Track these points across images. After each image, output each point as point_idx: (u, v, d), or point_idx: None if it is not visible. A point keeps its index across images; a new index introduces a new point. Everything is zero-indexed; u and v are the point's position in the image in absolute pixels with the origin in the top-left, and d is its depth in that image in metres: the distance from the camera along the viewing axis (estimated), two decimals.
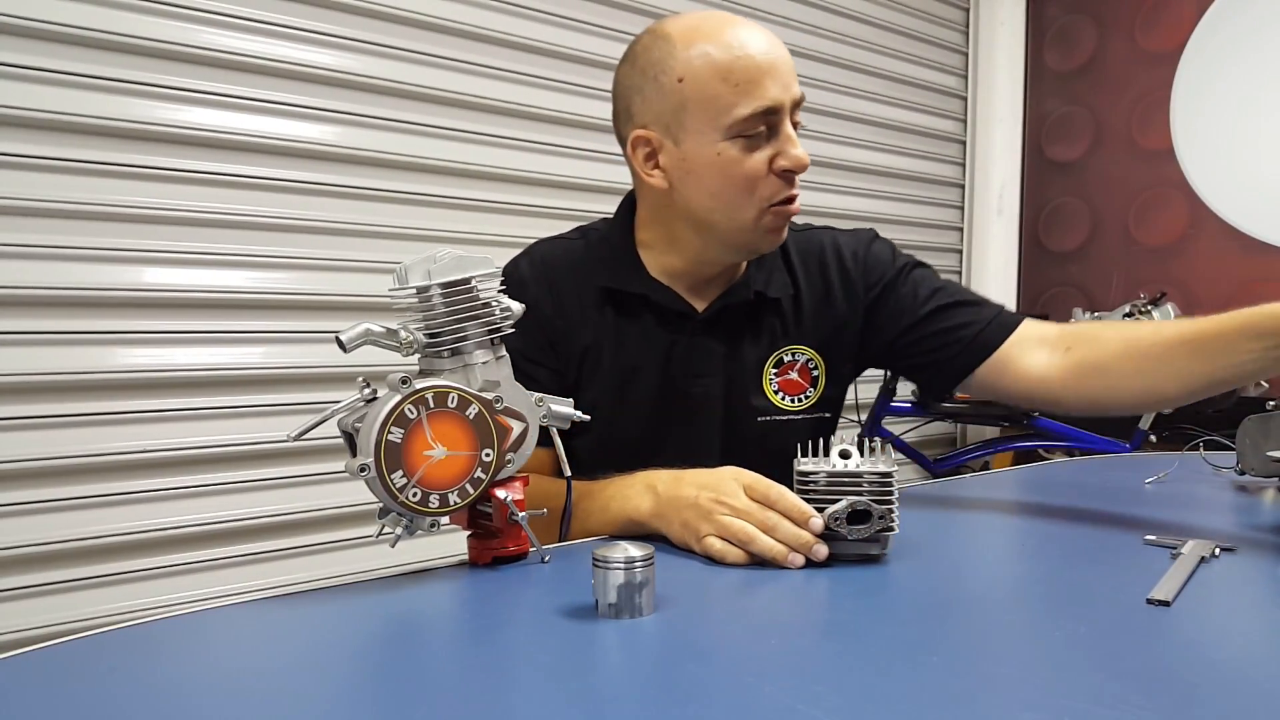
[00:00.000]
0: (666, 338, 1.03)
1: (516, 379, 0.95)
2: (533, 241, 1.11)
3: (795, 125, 0.94)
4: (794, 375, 1.06)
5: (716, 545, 0.74)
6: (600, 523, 0.86)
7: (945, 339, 1.03)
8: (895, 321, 1.06)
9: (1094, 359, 0.96)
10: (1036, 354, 1.00)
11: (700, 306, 1.03)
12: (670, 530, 0.79)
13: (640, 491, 0.83)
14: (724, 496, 0.76)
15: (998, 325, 1.04)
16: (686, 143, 0.93)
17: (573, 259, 1.06)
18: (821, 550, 0.71)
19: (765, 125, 0.91)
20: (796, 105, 0.94)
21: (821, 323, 1.06)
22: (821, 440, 0.79)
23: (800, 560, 0.72)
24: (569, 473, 0.82)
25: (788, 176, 0.93)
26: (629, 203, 1.07)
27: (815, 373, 1.07)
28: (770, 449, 1.02)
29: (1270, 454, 0.99)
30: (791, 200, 0.95)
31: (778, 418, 1.05)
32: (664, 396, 1.03)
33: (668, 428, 1.04)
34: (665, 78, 0.93)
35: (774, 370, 1.05)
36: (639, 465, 0.88)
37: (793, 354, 1.06)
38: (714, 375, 1.03)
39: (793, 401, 1.06)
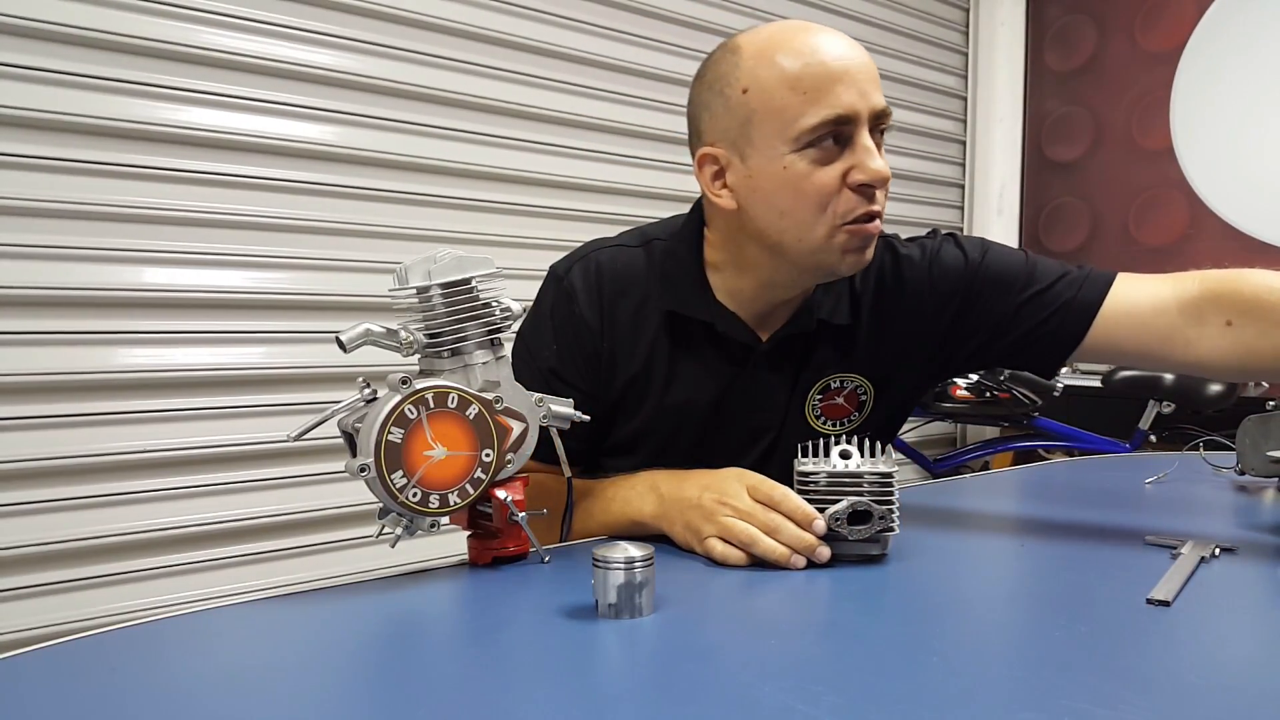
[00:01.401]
0: (727, 371, 0.96)
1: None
2: (584, 242, 1.02)
3: (878, 140, 0.87)
4: (840, 400, 1.00)
5: (718, 547, 0.74)
6: (602, 523, 0.86)
7: (1043, 325, 0.94)
8: (987, 327, 0.97)
9: (1267, 345, 0.86)
10: (1196, 327, 0.90)
11: (764, 335, 0.96)
12: (673, 531, 0.79)
13: (642, 492, 0.83)
14: (727, 497, 0.75)
15: (1090, 290, 0.94)
16: (754, 158, 0.86)
17: (634, 273, 0.97)
18: (824, 552, 0.71)
19: (837, 136, 0.84)
20: (879, 117, 0.86)
21: (879, 348, 0.99)
22: (822, 440, 0.78)
23: (802, 562, 0.71)
24: (569, 472, 0.82)
25: (865, 191, 0.84)
26: (697, 218, 0.98)
27: (863, 398, 1.00)
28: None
29: (1270, 454, 0.99)
30: (872, 218, 0.86)
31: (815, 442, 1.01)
32: (719, 430, 0.98)
33: (716, 456, 0.95)
34: (731, 90, 0.86)
35: (819, 396, 0.99)
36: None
37: (841, 380, 0.99)
38: (773, 410, 0.98)
39: (834, 425, 1.00)
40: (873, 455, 0.76)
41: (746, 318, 0.95)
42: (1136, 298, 0.93)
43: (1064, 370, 2.96)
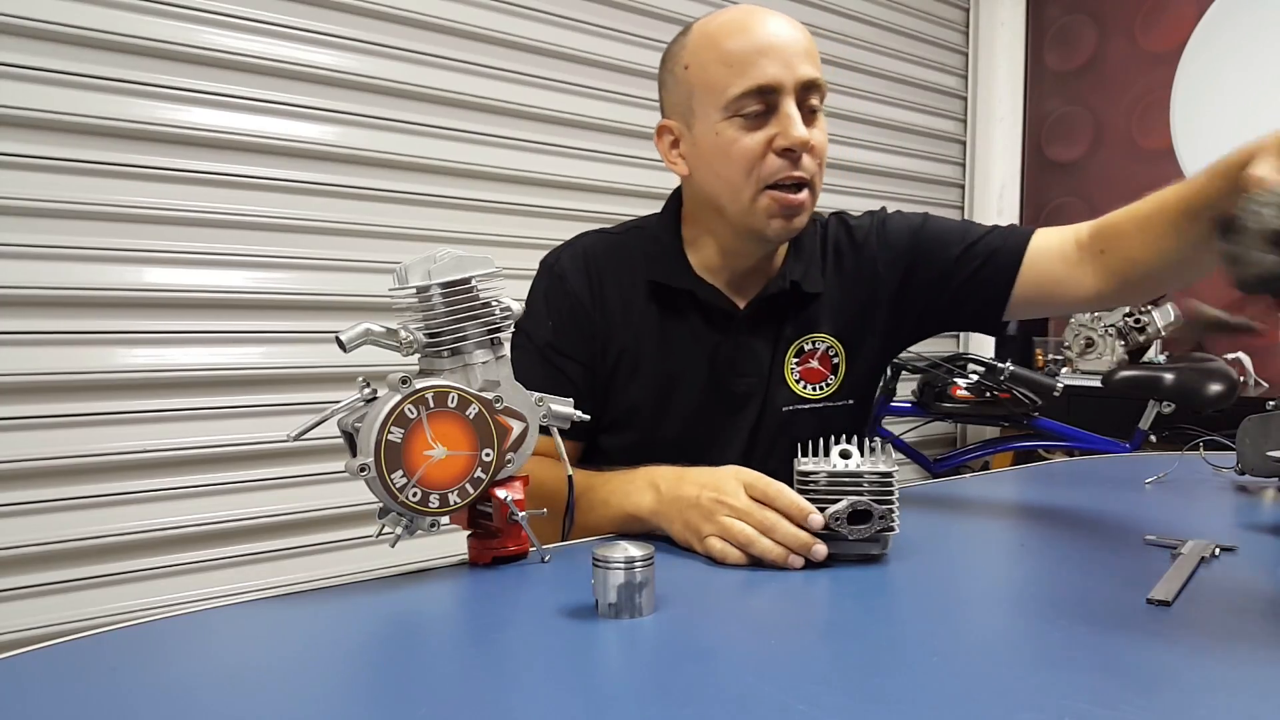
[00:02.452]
0: (712, 338, 1.03)
1: (545, 372, 0.95)
2: (571, 237, 1.10)
3: (811, 110, 0.93)
4: (814, 364, 1.06)
5: (717, 546, 0.74)
6: (601, 517, 0.86)
7: (978, 274, 1.02)
8: (932, 281, 1.05)
9: (1124, 256, 0.94)
10: (1075, 267, 0.98)
11: (741, 304, 1.04)
12: (672, 529, 0.79)
13: (642, 488, 0.83)
14: (724, 496, 0.75)
15: (1014, 239, 1.01)
16: (696, 127, 0.96)
17: (620, 254, 1.05)
18: (820, 550, 0.71)
19: (765, 105, 0.91)
20: (808, 89, 0.92)
21: (841, 310, 1.06)
22: (822, 440, 0.79)
23: (799, 562, 0.71)
24: (570, 470, 0.82)
25: (789, 156, 0.92)
26: (677, 200, 1.07)
27: (835, 360, 1.07)
28: (798, 438, 1.02)
29: (1270, 454, 0.99)
30: (798, 187, 0.93)
31: (801, 407, 1.06)
32: (708, 396, 1.04)
33: (708, 424, 1.04)
34: (678, 68, 0.97)
35: (795, 360, 1.05)
36: (672, 460, 0.88)
37: (813, 342, 1.06)
38: (758, 374, 1.04)
39: (814, 389, 1.06)
40: (873, 455, 0.76)
41: (723, 287, 1.03)
42: (1049, 244, 1.00)
43: (1064, 370, 2.96)
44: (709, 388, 1.03)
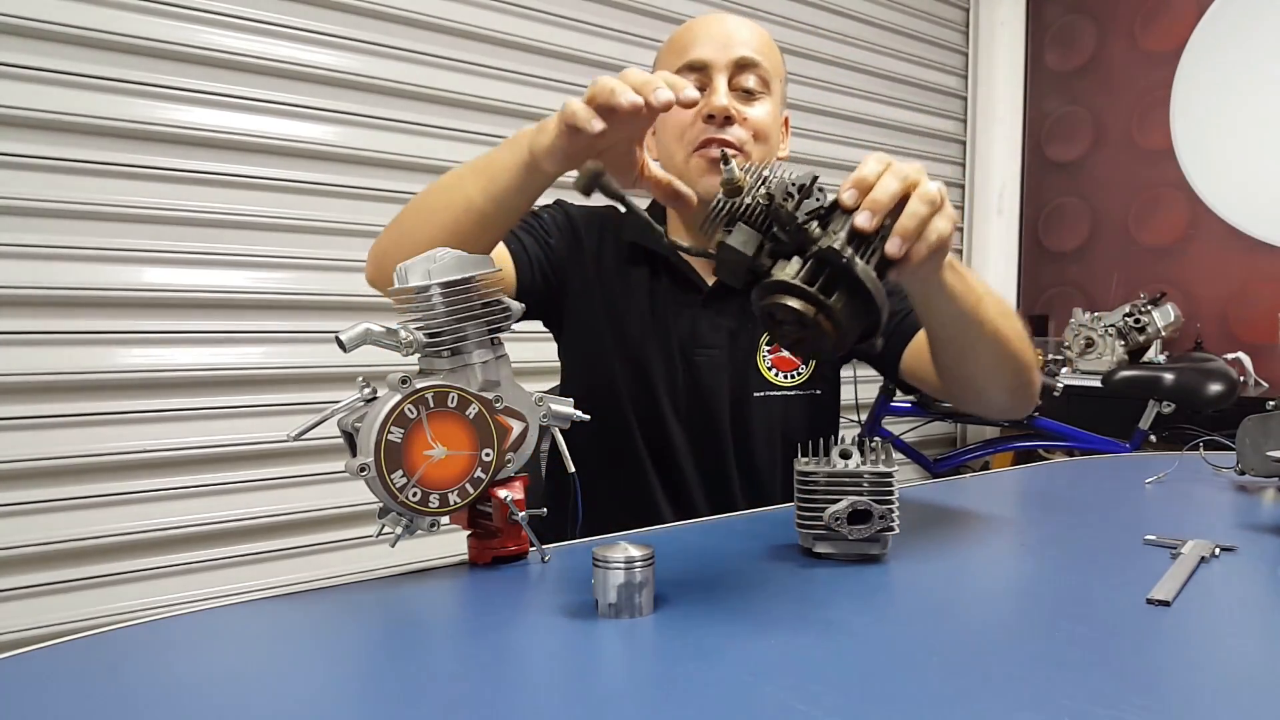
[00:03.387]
0: (678, 305, 1.09)
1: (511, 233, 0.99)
2: None
3: (746, 90, 1.02)
4: (785, 352, 1.11)
5: (573, 104, 0.74)
6: (490, 160, 0.84)
7: (897, 314, 1.05)
8: None
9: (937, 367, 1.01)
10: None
11: (710, 280, 1.10)
12: (546, 127, 0.78)
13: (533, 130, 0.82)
14: (569, 102, 0.75)
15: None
16: None
17: (602, 215, 1.15)
18: (691, 94, 0.71)
19: (698, 82, 1.01)
20: (742, 68, 1.02)
21: None
22: (822, 440, 0.79)
23: (667, 96, 0.70)
24: (573, 469, 0.82)
25: (710, 121, 1.01)
26: None
27: None
28: (772, 426, 1.09)
29: (1270, 454, 0.99)
30: (717, 146, 1.01)
31: (773, 394, 1.10)
32: (669, 362, 1.08)
33: (675, 395, 1.09)
34: (654, 66, 1.10)
35: (767, 348, 1.10)
36: (653, 437, 0.90)
37: None
38: (720, 348, 1.09)
39: (786, 378, 1.11)
40: (873, 455, 0.76)
41: (695, 263, 1.10)
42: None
43: (1064, 370, 2.96)
44: (670, 353, 1.09)
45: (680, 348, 1.09)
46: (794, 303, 0.61)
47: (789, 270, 0.62)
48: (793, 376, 1.11)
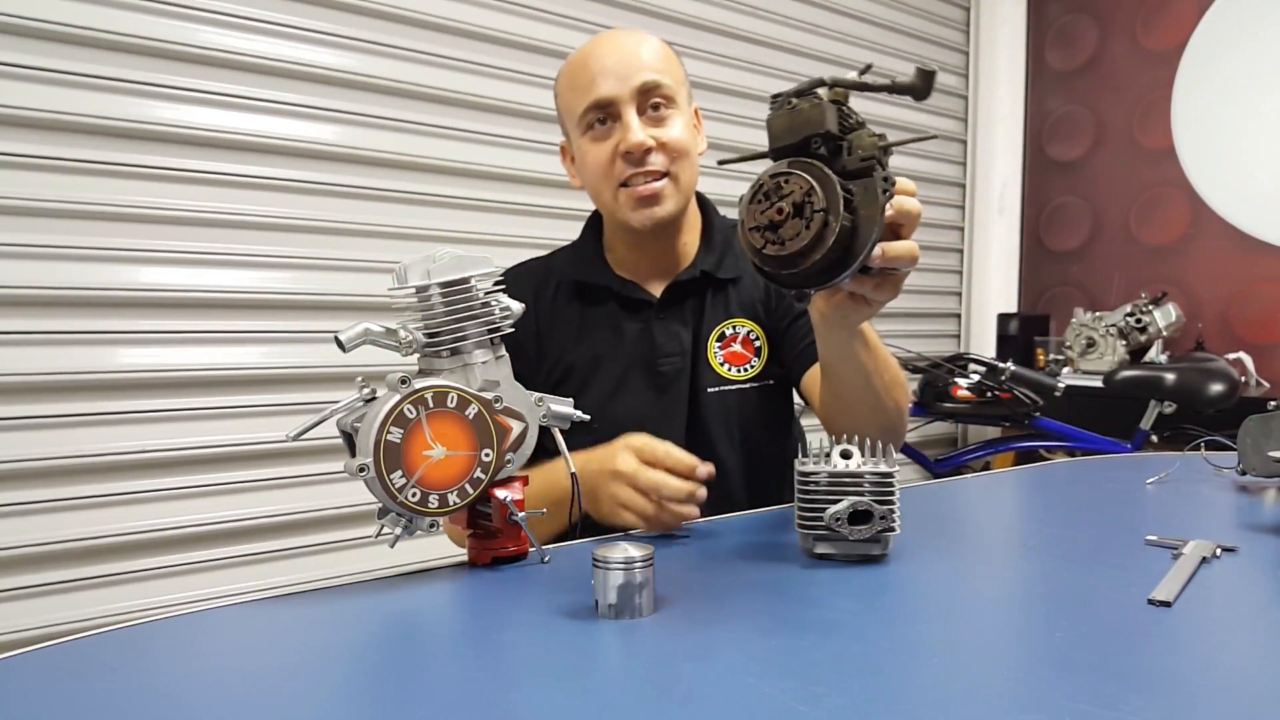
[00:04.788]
0: (633, 325, 1.11)
1: None
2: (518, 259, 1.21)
3: (655, 107, 1.03)
4: (737, 347, 1.12)
5: (629, 518, 0.83)
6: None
7: (800, 343, 1.11)
8: (783, 315, 1.14)
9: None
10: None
11: (657, 293, 1.12)
12: (600, 511, 0.86)
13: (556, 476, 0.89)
14: (617, 466, 0.83)
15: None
16: (573, 146, 1.10)
17: (545, 268, 1.17)
18: (701, 493, 0.81)
19: (607, 116, 1.03)
20: (646, 93, 1.03)
21: (757, 298, 1.14)
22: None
23: (694, 511, 0.81)
24: (573, 469, 0.82)
25: (630, 158, 1.03)
26: (596, 212, 1.17)
27: (757, 343, 1.13)
28: (728, 420, 1.11)
29: (1271, 454, 0.99)
30: (642, 179, 1.03)
31: (727, 388, 1.11)
32: (637, 378, 1.10)
33: (644, 405, 1.10)
34: (555, 98, 1.12)
35: (718, 344, 1.12)
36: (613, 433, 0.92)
37: (734, 327, 1.12)
38: (679, 355, 1.10)
39: (738, 371, 1.12)
40: (874, 455, 0.76)
41: (640, 281, 1.12)
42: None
43: (1065, 370, 2.96)
44: (636, 370, 1.10)
45: (643, 362, 1.10)
46: (819, 190, 0.62)
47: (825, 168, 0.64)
48: (745, 370, 1.12)
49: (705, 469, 0.79)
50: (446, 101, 2.16)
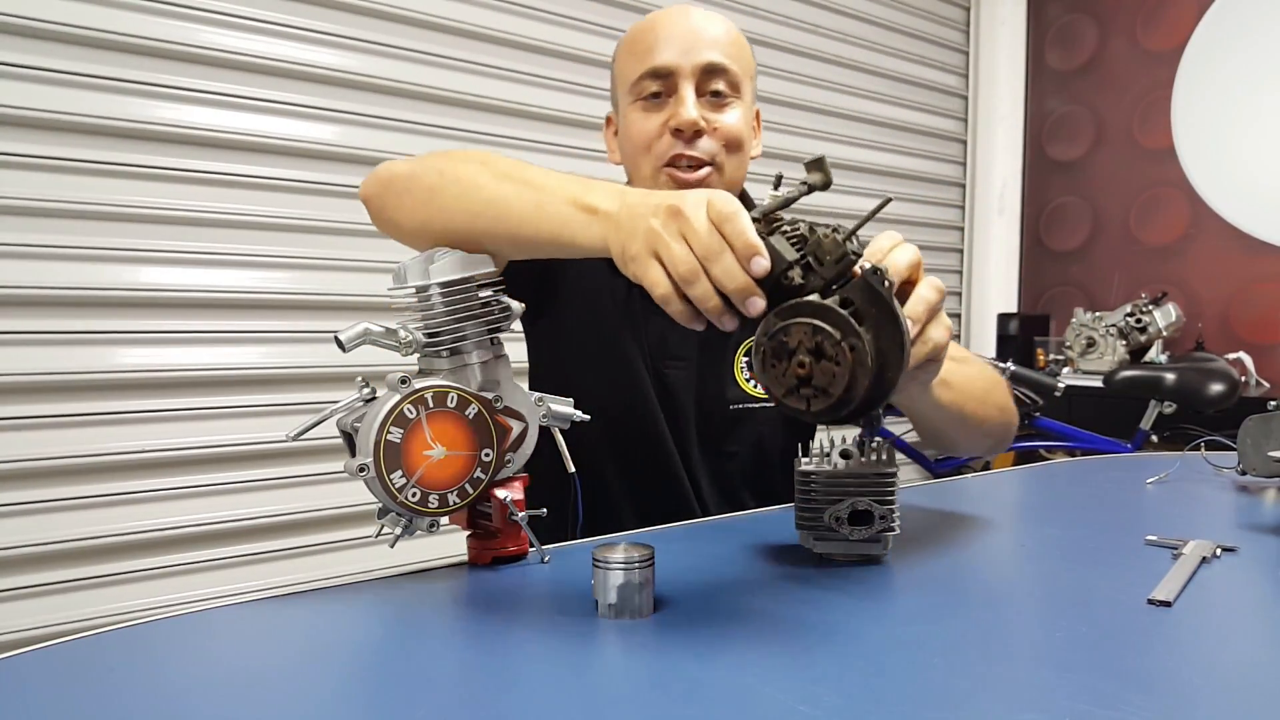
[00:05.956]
0: (646, 311, 1.01)
1: None
2: None
3: (715, 94, 0.96)
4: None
5: (653, 275, 0.60)
6: (548, 193, 0.70)
7: None
8: None
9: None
10: None
11: None
12: (618, 237, 0.64)
13: (608, 188, 0.69)
14: (685, 206, 0.60)
15: None
16: (619, 116, 1.03)
17: None
18: (757, 304, 0.58)
19: (663, 88, 0.96)
20: (710, 73, 0.96)
21: None
22: (803, 441, 0.79)
23: (732, 323, 0.60)
24: (573, 468, 0.82)
25: (678, 135, 0.95)
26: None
27: None
28: (745, 438, 1.04)
29: (1272, 454, 0.99)
30: (692, 165, 0.96)
31: (750, 405, 1.04)
32: (639, 368, 1.02)
33: (645, 404, 1.02)
34: (612, 63, 1.04)
35: (745, 359, 1.05)
36: (618, 442, 0.90)
37: None
38: (688, 360, 1.03)
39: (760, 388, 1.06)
40: (874, 455, 0.76)
41: None
42: None
43: (1065, 370, 2.96)
44: (641, 359, 1.02)
45: (650, 356, 1.03)
46: (825, 325, 0.55)
47: (813, 297, 0.57)
48: None
49: (763, 264, 0.58)
50: (446, 101, 2.16)
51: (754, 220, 0.59)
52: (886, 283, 0.56)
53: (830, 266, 0.58)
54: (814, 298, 0.57)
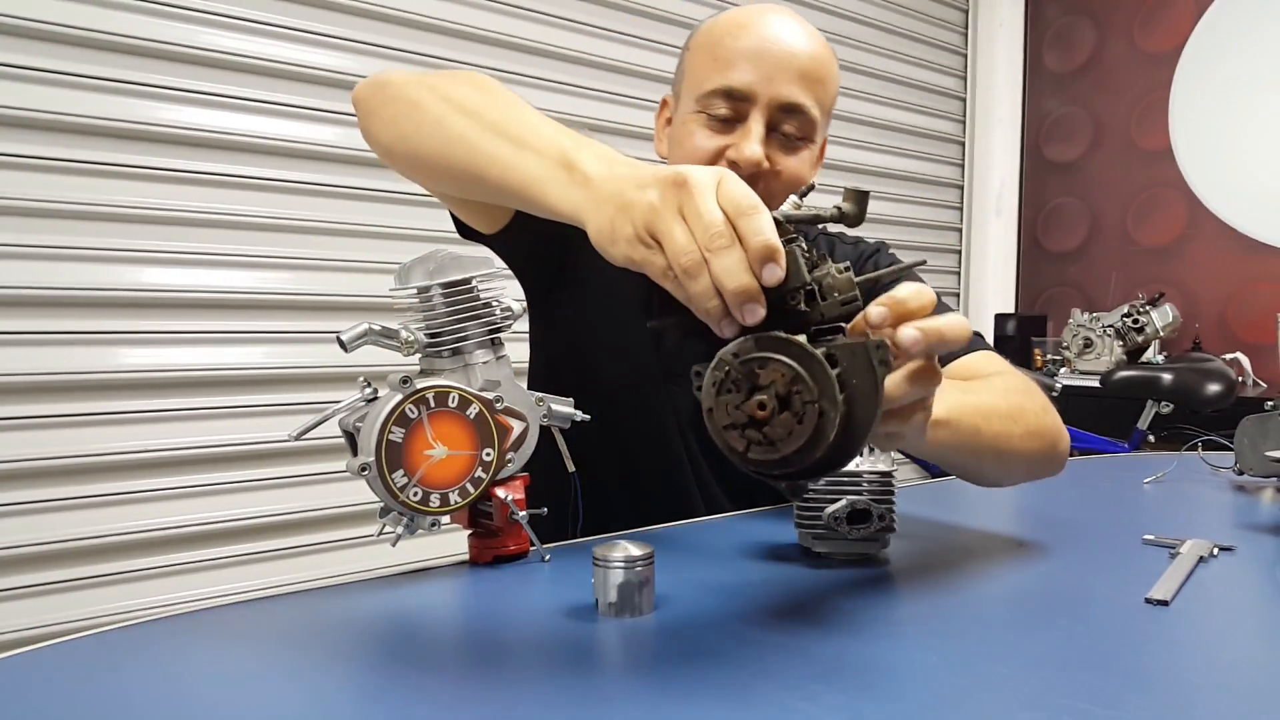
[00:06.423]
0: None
1: None
2: None
3: (783, 132, 0.88)
4: None
5: (642, 255, 0.51)
6: (524, 140, 0.63)
7: None
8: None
9: None
10: None
11: None
12: (600, 213, 0.54)
13: (596, 147, 0.60)
14: (691, 184, 0.50)
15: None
16: (678, 110, 0.94)
17: None
18: (757, 313, 0.50)
19: (733, 112, 0.87)
20: (786, 111, 0.88)
21: None
22: None
23: (732, 329, 0.51)
24: (573, 468, 0.82)
25: (734, 168, 0.85)
26: None
27: None
28: None
29: (1268, 454, 0.99)
30: None
31: None
32: (648, 362, 0.96)
33: (652, 396, 0.96)
34: (685, 48, 0.95)
35: None
36: (618, 434, 0.85)
37: None
38: (649, 359, 0.96)
39: None
40: (873, 455, 0.76)
41: None
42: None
43: (1062, 370, 2.97)
44: (652, 353, 0.95)
45: (660, 369, 0.96)
46: (807, 378, 0.49)
47: (802, 338, 0.51)
48: None
49: (775, 273, 0.49)
50: None
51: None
52: (883, 363, 0.50)
53: (834, 305, 0.52)
54: (803, 338, 0.50)
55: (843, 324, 0.53)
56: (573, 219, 0.57)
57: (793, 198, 0.59)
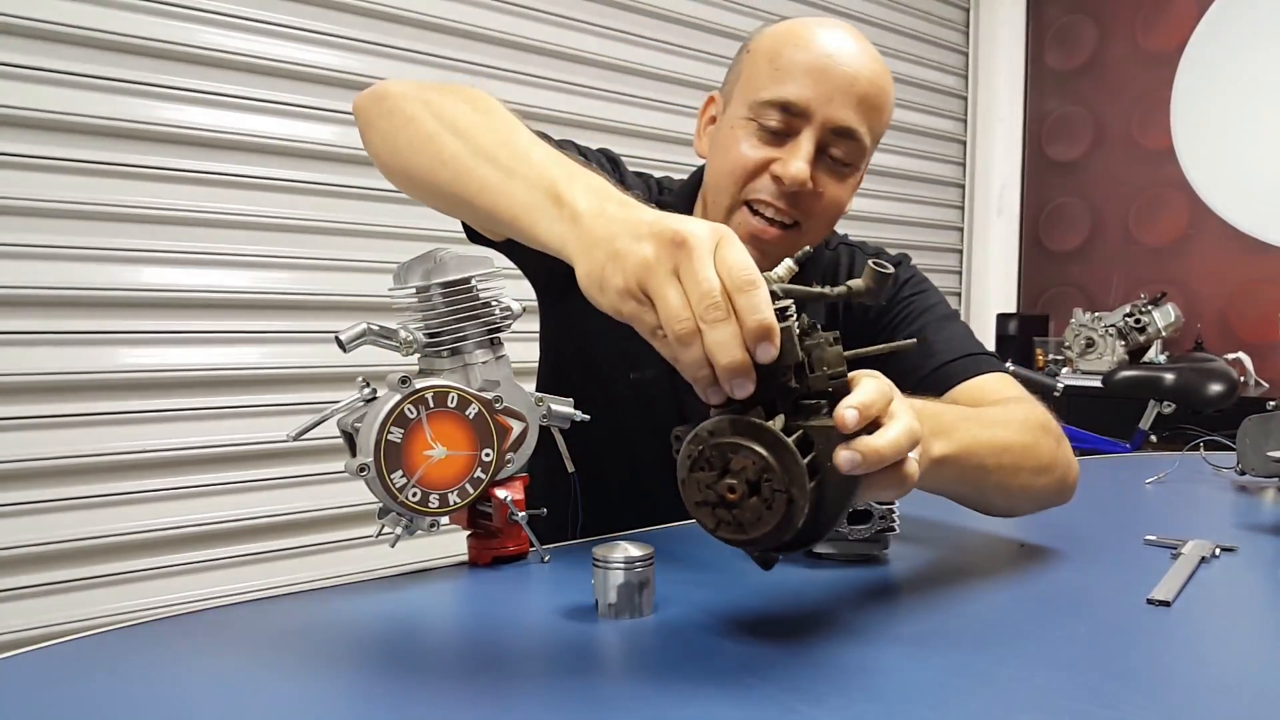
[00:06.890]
0: None
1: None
2: None
3: (831, 155, 0.87)
4: None
5: (630, 308, 0.51)
6: (515, 164, 0.60)
7: (912, 376, 0.91)
8: (876, 337, 0.98)
9: None
10: None
11: None
12: (589, 256, 0.52)
13: (589, 178, 0.57)
14: (690, 246, 0.48)
15: (958, 365, 0.92)
16: (727, 113, 0.92)
17: (649, 191, 1.02)
18: (746, 388, 0.49)
19: (785, 124, 0.85)
20: (838, 134, 0.86)
21: (837, 323, 0.99)
22: None
23: (718, 397, 0.50)
24: (572, 468, 0.82)
25: (777, 182, 0.86)
26: (697, 179, 1.00)
27: None
28: None
29: (1270, 454, 0.99)
30: (772, 214, 0.86)
31: None
32: (654, 362, 0.91)
33: (658, 397, 0.96)
34: (744, 49, 0.93)
35: None
36: (621, 431, 0.85)
37: None
38: (656, 368, 0.94)
39: None
40: None
41: None
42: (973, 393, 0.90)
43: (1064, 370, 2.96)
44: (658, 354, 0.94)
45: (637, 354, 0.92)
46: (777, 467, 0.48)
47: (778, 424, 0.50)
48: None
49: (769, 351, 0.48)
50: None
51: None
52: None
53: (822, 379, 0.52)
54: (780, 420, 0.51)
55: (827, 397, 0.52)
56: (560, 254, 0.55)
57: (788, 261, 0.56)
